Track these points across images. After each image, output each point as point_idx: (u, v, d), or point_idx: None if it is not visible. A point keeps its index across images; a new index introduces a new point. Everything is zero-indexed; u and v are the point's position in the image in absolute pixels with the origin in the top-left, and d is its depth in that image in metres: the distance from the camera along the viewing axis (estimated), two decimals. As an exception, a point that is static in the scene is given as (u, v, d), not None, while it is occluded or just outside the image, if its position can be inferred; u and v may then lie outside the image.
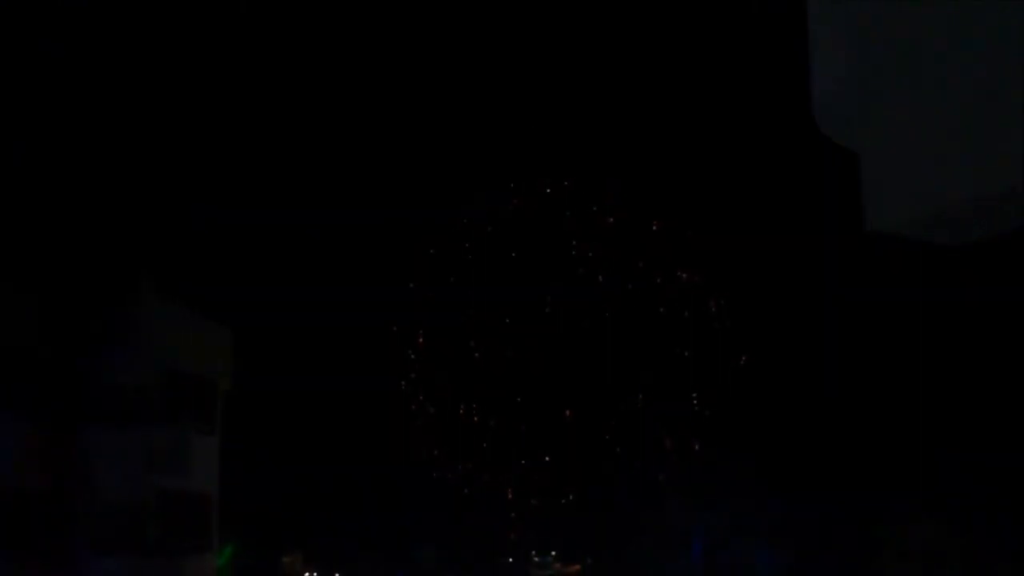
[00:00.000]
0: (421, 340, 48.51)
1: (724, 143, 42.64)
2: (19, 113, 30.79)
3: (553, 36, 50.57)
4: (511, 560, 56.13)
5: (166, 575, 28.94)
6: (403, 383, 48.41)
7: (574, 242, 46.96)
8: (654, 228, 45.12)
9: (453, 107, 52.61)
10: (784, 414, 39.38)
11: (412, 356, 48.67)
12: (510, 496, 48.55)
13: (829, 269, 37.38)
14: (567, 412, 45.57)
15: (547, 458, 47.07)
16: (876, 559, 34.14)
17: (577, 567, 52.19)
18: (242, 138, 46.03)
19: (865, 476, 37.19)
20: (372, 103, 52.96)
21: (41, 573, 27.05)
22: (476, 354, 47.82)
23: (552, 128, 48.44)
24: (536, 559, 57.77)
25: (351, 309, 49.79)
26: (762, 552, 38.96)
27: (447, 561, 55.22)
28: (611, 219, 46.39)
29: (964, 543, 31.89)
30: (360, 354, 50.85)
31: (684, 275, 44.50)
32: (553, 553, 58.09)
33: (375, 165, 53.31)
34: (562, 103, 50.54)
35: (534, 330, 47.02)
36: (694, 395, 43.10)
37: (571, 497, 47.51)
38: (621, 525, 44.29)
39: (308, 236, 49.77)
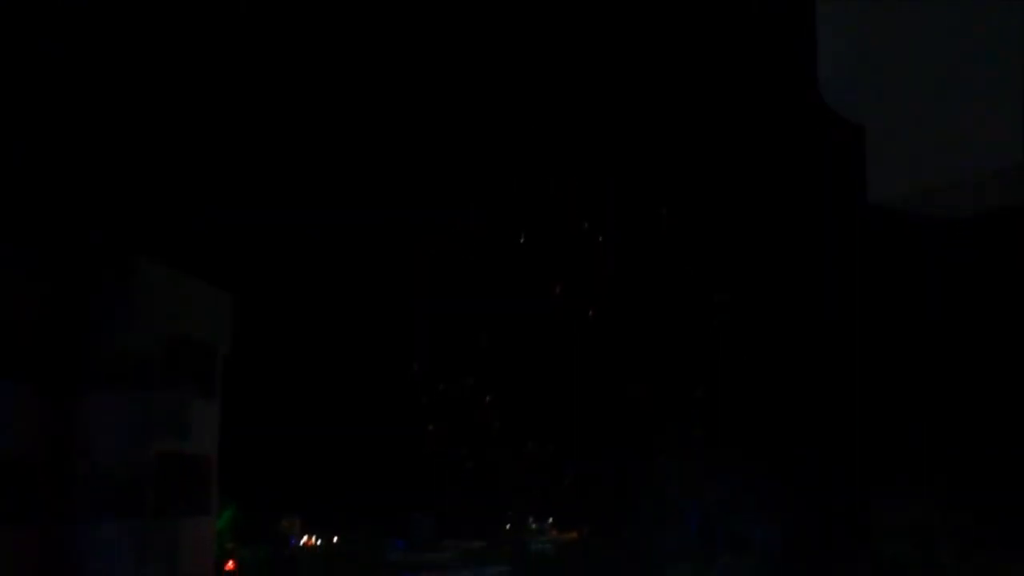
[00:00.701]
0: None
1: (727, 123, 42.48)
2: (19, 106, 30.84)
3: (552, 35, 50.25)
4: (508, 528, 56.49)
5: (166, 539, 29.12)
6: (415, 364, 48.80)
7: (581, 227, 47.13)
8: (660, 216, 45.18)
9: (453, 107, 52.40)
10: (782, 391, 39.48)
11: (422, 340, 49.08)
12: (513, 476, 49.03)
13: (831, 244, 37.38)
14: (571, 397, 45.89)
15: (550, 444, 47.53)
16: (871, 536, 34.32)
17: (574, 535, 52.51)
18: (241, 138, 45.97)
19: (862, 453, 37.33)
20: (372, 103, 52.74)
21: (42, 538, 27.24)
22: (483, 342, 48.25)
23: (552, 125, 48.34)
24: (533, 526, 58.17)
25: (356, 280, 50.09)
26: (759, 526, 39.17)
27: (445, 529, 55.59)
28: (613, 212, 46.53)
29: (959, 522, 32.03)
30: (364, 323, 51.14)
31: (690, 268, 44.62)
32: (550, 520, 58.47)
33: (375, 165, 53.21)
34: (561, 96, 50.31)
35: (541, 320, 47.36)
36: (698, 384, 43.29)
37: (572, 475, 47.91)
38: (619, 495, 44.53)
39: (307, 231, 49.85)
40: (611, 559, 42.10)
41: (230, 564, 41.02)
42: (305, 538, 53.56)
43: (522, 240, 47.50)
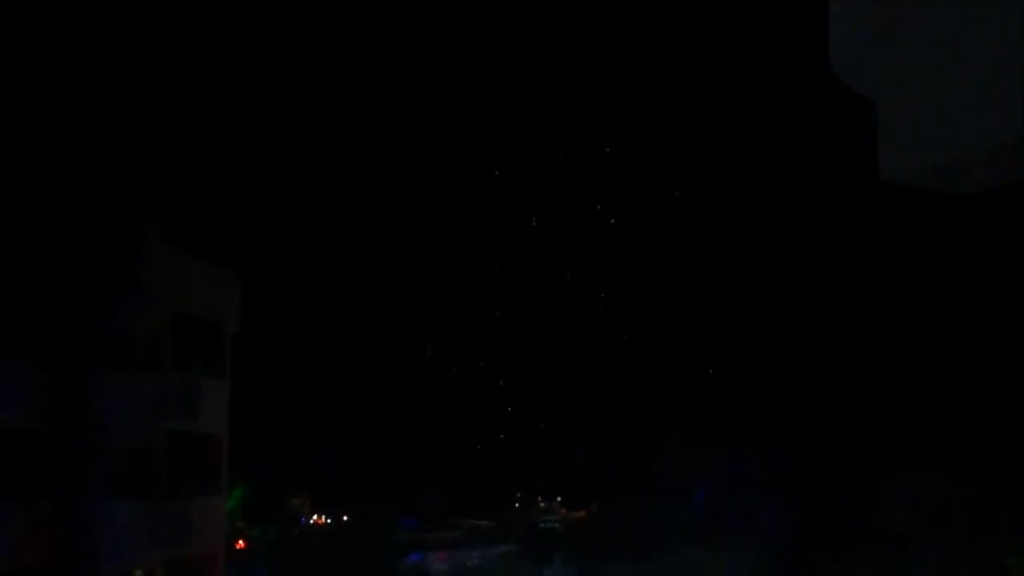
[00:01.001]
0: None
1: (741, 97, 42.35)
2: (22, 97, 30.88)
3: (551, 35, 50.04)
4: (517, 506, 56.66)
5: (176, 518, 29.24)
6: (428, 347, 49.13)
7: (583, 223, 47.31)
8: (668, 204, 45.26)
9: (453, 107, 52.25)
10: (791, 369, 39.52)
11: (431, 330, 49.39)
12: (522, 456, 49.32)
13: (834, 222, 37.35)
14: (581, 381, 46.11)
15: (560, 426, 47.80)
16: (881, 509, 34.37)
17: (583, 514, 52.67)
18: (242, 138, 45.90)
19: (870, 428, 37.36)
20: (372, 103, 52.57)
21: (52, 516, 27.38)
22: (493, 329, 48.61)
23: (553, 121, 48.30)
24: (542, 505, 58.28)
25: (361, 268, 50.24)
26: (764, 503, 39.25)
27: (453, 507, 55.73)
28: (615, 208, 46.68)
29: (969, 493, 32.06)
30: (373, 310, 51.31)
31: (696, 252, 44.72)
32: (559, 499, 58.63)
33: (375, 165, 53.16)
34: (561, 92, 50.14)
35: (550, 307, 47.61)
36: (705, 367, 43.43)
37: (581, 455, 48.17)
38: (627, 474, 44.66)
39: (309, 230, 49.88)
40: (619, 538, 42.25)
41: (240, 543, 41.26)
42: (315, 517, 53.81)
43: (532, 224, 47.67)
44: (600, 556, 42.91)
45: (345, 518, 52.29)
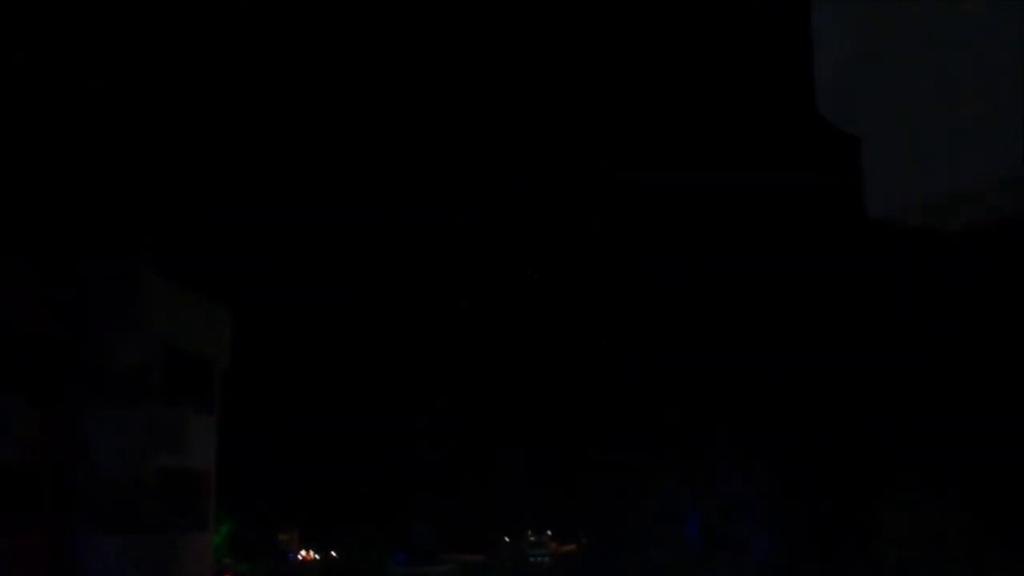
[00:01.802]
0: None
1: (726, 132, 42.56)
2: (19, 109, 30.83)
3: (552, 37, 50.36)
4: (507, 540, 56.35)
5: (164, 553, 29.01)
6: (420, 380, 49.07)
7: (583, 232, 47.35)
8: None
9: (453, 107, 52.47)
10: (781, 396, 39.49)
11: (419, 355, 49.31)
12: (513, 490, 49.12)
13: (828, 256, 37.46)
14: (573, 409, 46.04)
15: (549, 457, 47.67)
16: (874, 542, 34.26)
17: (573, 546, 52.43)
18: (241, 138, 46.00)
19: (863, 459, 37.32)
20: (372, 103, 52.78)
21: (40, 551, 27.14)
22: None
23: (552, 127, 48.52)
24: (532, 538, 58.03)
25: (350, 295, 50.19)
26: (758, 532, 39.12)
27: (444, 540, 55.43)
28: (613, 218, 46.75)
29: (963, 526, 31.99)
30: (359, 339, 51.17)
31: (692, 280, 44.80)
32: (549, 532, 58.39)
33: (375, 165, 53.32)
34: (561, 101, 50.38)
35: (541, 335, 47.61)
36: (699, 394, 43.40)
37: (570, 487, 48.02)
38: (617, 505, 44.46)
39: (309, 231, 49.88)
40: (610, 570, 42.02)
41: (228, 579, 40.91)
42: (304, 552, 53.42)
43: (523, 240, 47.72)
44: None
45: (334, 553, 51.89)
